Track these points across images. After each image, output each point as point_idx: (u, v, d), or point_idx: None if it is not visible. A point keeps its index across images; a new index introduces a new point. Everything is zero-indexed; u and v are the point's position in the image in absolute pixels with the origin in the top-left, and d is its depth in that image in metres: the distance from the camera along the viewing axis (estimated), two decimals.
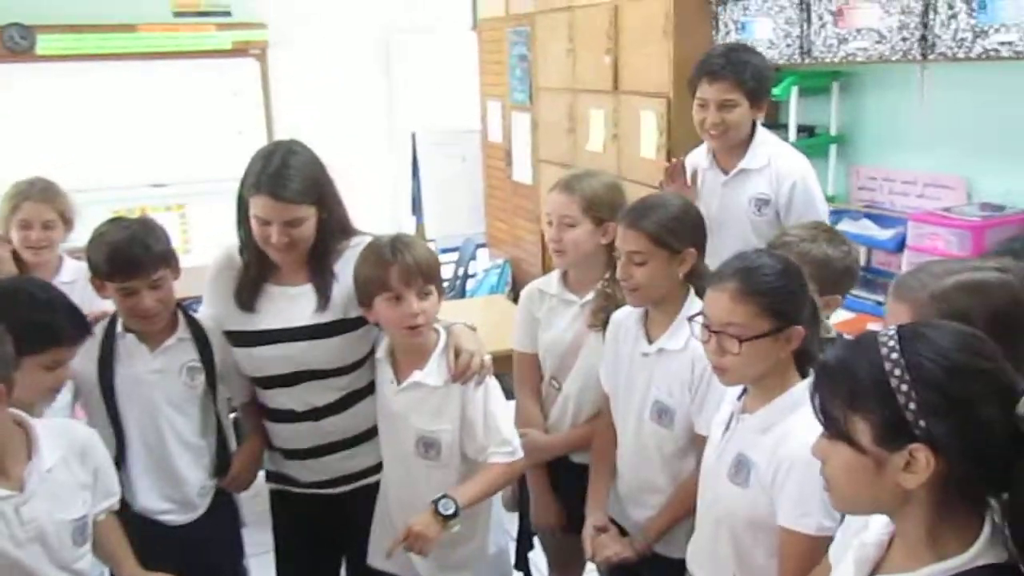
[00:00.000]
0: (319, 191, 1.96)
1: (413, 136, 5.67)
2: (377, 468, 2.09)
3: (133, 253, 1.91)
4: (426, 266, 1.91)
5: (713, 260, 1.84)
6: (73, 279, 2.60)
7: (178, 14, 5.34)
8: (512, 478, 2.05)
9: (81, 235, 2.68)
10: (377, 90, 5.85)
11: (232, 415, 2.24)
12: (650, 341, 1.95)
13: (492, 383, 1.97)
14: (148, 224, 2.01)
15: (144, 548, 1.80)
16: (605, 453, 2.09)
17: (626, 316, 2.03)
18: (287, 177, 1.89)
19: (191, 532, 2.06)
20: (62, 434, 1.67)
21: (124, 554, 1.77)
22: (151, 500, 2.03)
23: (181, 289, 2.07)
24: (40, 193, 2.63)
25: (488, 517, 2.07)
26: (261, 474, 2.24)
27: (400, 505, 2.02)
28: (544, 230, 2.23)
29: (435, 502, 1.84)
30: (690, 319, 1.72)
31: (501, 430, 1.95)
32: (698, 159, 2.73)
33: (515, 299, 4.34)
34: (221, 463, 2.12)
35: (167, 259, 1.97)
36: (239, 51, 5.45)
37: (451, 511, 1.83)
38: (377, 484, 2.10)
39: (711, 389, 1.83)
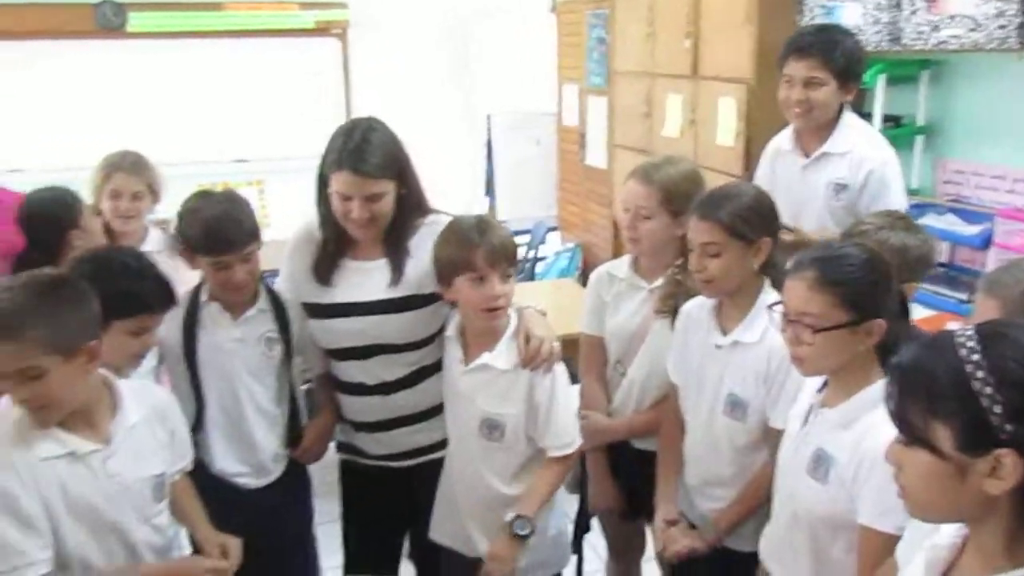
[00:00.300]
0: (398, 167, 1.99)
1: (489, 118, 5.68)
2: (443, 444, 2.12)
3: (228, 229, 1.97)
4: (510, 249, 1.93)
5: None
6: (157, 249, 2.71)
7: None
8: (570, 468, 2.06)
9: (165, 207, 2.79)
10: (455, 71, 5.88)
11: (305, 386, 2.30)
12: (723, 333, 1.93)
13: (560, 371, 1.97)
14: (237, 199, 2.06)
15: (218, 510, 1.86)
16: (673, 445, 2.08)
17: (697, 308, 2.00)
18: (368, 152, 1.93)
19: (264, 497, 2.12)
20: (143, 395, 1.74)
21: (198, 515, 1.84)
22: (227, 463, 2.10)
23: (261, 262, 2.13)
24: (130, 165, 2.72)
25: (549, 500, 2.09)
26: (332, 444, 2.30)
27: (463, 483, 2.05)
28: (618, 216, 2.22)
29: (510, 523, 1.89)
30: (770, 307, 1.70)
31: (562, 422, 1.95)
32: (780, 141, 2.68)
33: (584, 283, 4.33)
34: (294, 433, 2.18)
35: (256, 233, 2.03)
36: (320, 31, 5.54)
37: (526, 532, 1.89)
38: (442, 460, 2.13)
39: (787, 382, 1.80)
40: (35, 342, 1.48)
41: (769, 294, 1.87)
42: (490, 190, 5.75)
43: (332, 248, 2.08)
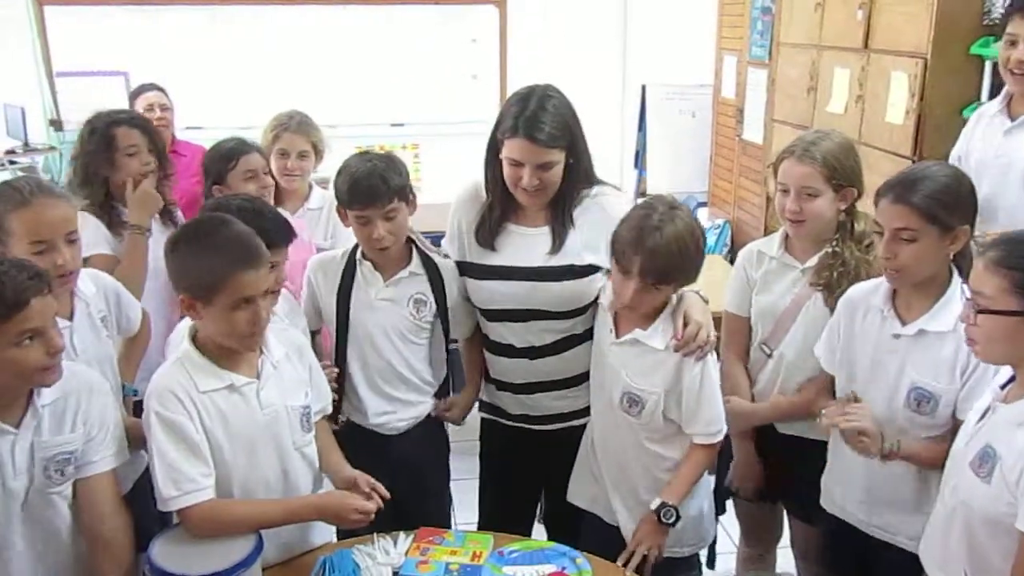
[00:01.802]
0: (571, 136, 2.00)
1: (643, 88, 5.59)
2: (584, 412, 2.14)
3: (371, 184, 2.04)
4: (661, 261, 1.85)
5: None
6: (319, 206, 2.84)
7: None
8: (715, 456, 2.03)
9: (327, 166, 2.91)
10: (611, 41, 5.80)
11: (453, 346, 2.37)
12: (902, 322, 1.83)
13: (711, 360, 1.93)
14: (390, 159, 2.13)
15: (359, 462, 1.94)
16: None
17: (867, 294, 1.91)
18: (543, 121, 1.95)
19: (403, 452, 2.20)
20: (283, 334, 1.86)
21: (340, 459, 1.94)
22: (371, 415, 2.19)
23: (414, 225, 2.19)
24: (297, 125, 2.86)
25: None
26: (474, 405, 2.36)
27: (605, 452, 2.06)
28: (773, 196, 2.15)
29: (657, 511, 1.89)
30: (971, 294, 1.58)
31: (710, 410, 1.92)
32: (987, 107, 2.54)
33: (733, 261, 4.22)
34: (437, 392, 2.26)
35: (403, 193, 2.09)
36: None
37: (672, 520, 1.89)
38: (583, 427, 2.15)
39: (987, 372, 1.70)
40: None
41: (958, 283, 1.77)
42: (640, 162, 5.67)
43: (497, 213, 2.11)
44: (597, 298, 2.07)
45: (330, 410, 1.97)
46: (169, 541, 1.65)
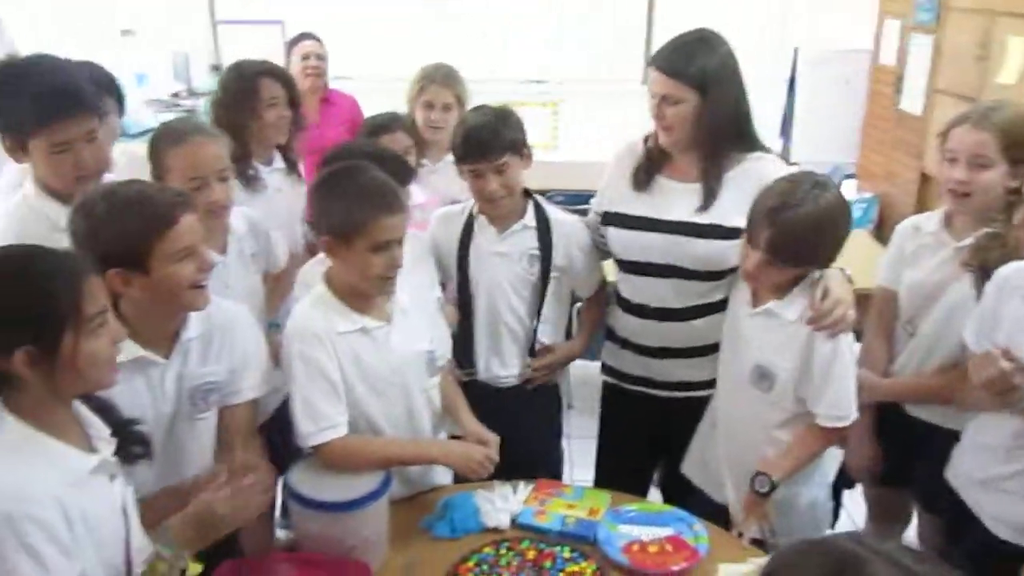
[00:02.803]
0: (705, 78, 1.95)
1: (795, 51, 5.35)
2: (707, 384, 2.12)
3: (482, 138, 2.07)
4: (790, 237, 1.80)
5: None
6: None
7: None
8: (834, 442, 1.96)
9: None
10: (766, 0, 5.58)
11: (577, 305, 2.38)
12: None
13: (847, 340, 1.85)
14: (504, 113, 2.14)
15: (474, 406, 2.01)
16: None
17: (1020, 273, 1.78)
18: (678, 53, 1.96)
19: (514, 406, 2.23)
20: (411, 280, 1.91)
21: (464, 408, 2.00)
22: (482, 368, 2.24)
23: (541, 181, 2.20)
24: (444, 77, 2.92)
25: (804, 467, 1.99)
26: (594, 364, 2.37)
27: (726, 427, 2.04)
28: (937, 168, 2.03)
29: (752, 478, 1.86)
30: None
31: (839, 392, 1.84)
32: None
33: (879, 238, 4.03)
34: (536, 347, 2.26)
35: (515, 147, 2.10)
36: None
37: (764, 489, 1.84)
38: (706, 400, 2.13)
39: None
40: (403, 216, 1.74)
41: None
42: (786, 129, 5.45)
43: (649, 162, 2.10)
44: (738, 266, 2.02)
45: (449, 355, 2.03)
46: (306, 468, 1.76)
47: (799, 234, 1.76)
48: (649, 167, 2.10)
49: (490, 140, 2.06)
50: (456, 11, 5.52)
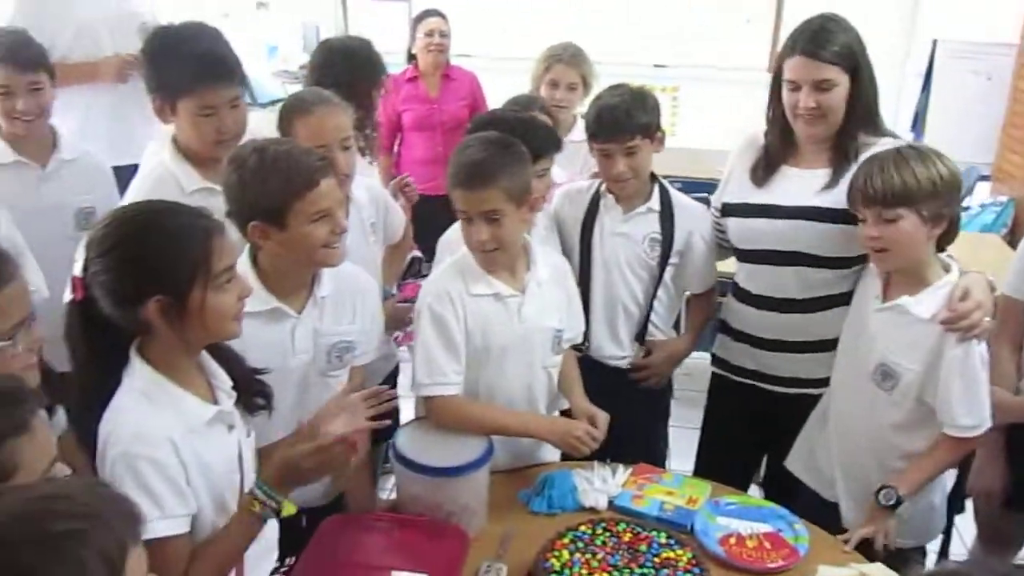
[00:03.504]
0: (855, 61, 1.92)
1: (934, 44, 5.10)
2: (822, 382, 2.06)
3: (615, 118, 2.07)
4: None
5: None
6: (581, 139, 2.90)
7: None
8: (964, 453, 1.88)
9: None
10: None
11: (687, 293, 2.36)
12: None
13: (979, 349, 1.77)
14: (640, 94, 2.13)
15: (583, 382, 2.03)
16: None
17: None
18: (823, 37, 1.90)
19: (624, 387, 2.23)
20: (548, 257, 1.95)
21: (577, 385, 2.02)
22: (594, 346, 2.24)
23: (657, 166, 2.19)
24: (571, 57, 2.95)
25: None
26: (697, 354, 2.35)
27: (840, 425, 1.98)
28: None
29: (877, 492, 1.80)
30: None
31: (969, 399, 1.76)
32: None
33: (1012, 244, 3.81)
34: (641, 335, 2.25)
35: (647, 130, 2.09)
36: None
37: (890, 502, 1.78)
38: (815, 396, 2.08)
39: None
40: (500, 190, 1.74)
41: None
42: (918, 125, 5.21)
43: (773, 152, 2.07)
44: (866, 257, 1.96)
45: (579, 340, 2.05)
46: (413, 431, 1.81)
47: (900, 172, 1.74)
48: (772, 161, 2.06)
49: (623, 121, 2.05)
50: None
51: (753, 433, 2.25)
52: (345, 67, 2.57)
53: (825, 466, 2.02)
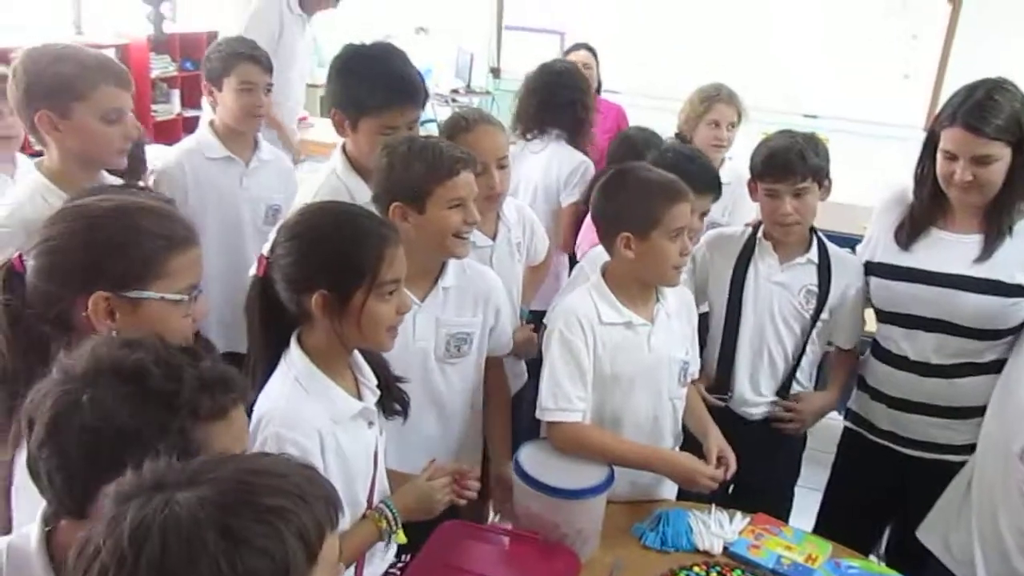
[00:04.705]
0: (1020, 134, 1.83)
1: None
2: (964, 449, 1.98)
3: (788, 159, 2.05)
4: None
5: None
6: (727, 181, 2.88)
7: None
8: None
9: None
10: None
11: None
12: None
13: None
14: (812, 139, 2.11)
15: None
16: None
17: None
18: (987, 109, 1.82)
19: (758, 439, 2.16)
20: (678, 288, 1.94)
21: (710, 422, 1.99)
22: (735, 395, 2.21)
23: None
24: (728, 96, 3.00)
25: None
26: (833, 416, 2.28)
27: (985, 500, 1.88)
28: None
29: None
30: None
31: None
32: None
33: None
34: (784, 388, 2.20)
35: (818, 173, 2.06)
36: None
37: None
38: (958, 465, 1.99)
39: None
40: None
41: None
42: None
43: (919, 214, 2.01)
44: (1017, 329, 1.88)
45: (697, 374, 2.03)
46: (537, 449, 1.83)
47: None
48: (919, 222, 2.00)
49: (795, 161, 2.04)
50: (729, 35, 5.48)
51: (882, 495, 2.16)
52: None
53: (963, 543, 1.92)
